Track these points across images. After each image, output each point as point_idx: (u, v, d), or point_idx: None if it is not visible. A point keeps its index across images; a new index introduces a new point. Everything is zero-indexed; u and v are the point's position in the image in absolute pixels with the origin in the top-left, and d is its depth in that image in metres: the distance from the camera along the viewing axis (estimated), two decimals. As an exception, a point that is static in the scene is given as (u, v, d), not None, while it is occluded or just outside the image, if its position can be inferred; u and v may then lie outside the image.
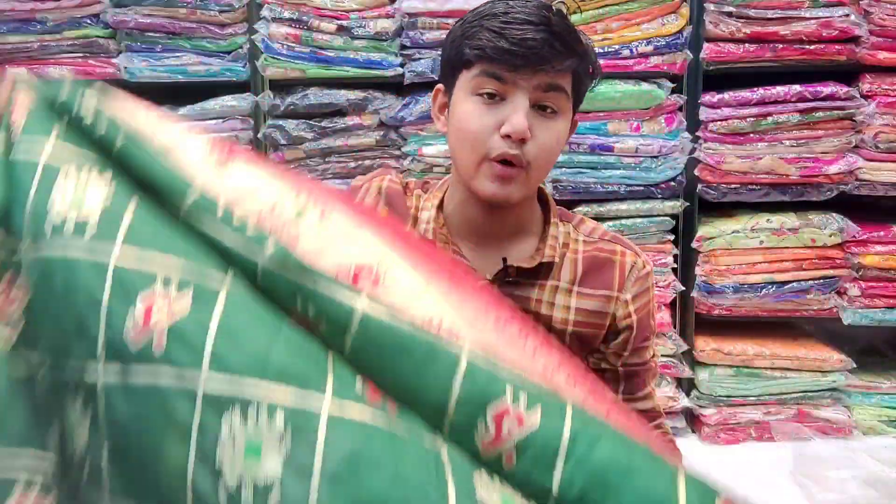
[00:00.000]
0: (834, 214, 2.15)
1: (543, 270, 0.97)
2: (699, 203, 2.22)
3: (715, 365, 2.21)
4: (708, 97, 2.13)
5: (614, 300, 0.98)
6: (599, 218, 2.14)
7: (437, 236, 0.98)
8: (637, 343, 1.01)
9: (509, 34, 0.85)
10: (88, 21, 2.23)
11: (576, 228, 1.02)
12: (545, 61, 0.86)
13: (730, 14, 2.09)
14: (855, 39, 2.09)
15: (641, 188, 2.16)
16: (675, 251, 2.21)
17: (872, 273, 2.15)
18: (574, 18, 2.51)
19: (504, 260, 0.96)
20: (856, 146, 2.13)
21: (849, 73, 2.15)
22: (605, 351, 1.01)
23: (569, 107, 0.92)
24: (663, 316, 2.22)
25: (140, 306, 0.56)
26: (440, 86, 0.98)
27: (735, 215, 2.22)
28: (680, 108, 2.17)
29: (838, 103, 2.09)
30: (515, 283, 0.97)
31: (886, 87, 2.10)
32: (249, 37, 2.21)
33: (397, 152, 2.23)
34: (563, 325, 0.97)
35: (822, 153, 2.13)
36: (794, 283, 2.17)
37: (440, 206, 1.01)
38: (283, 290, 0.60)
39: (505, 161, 0.88)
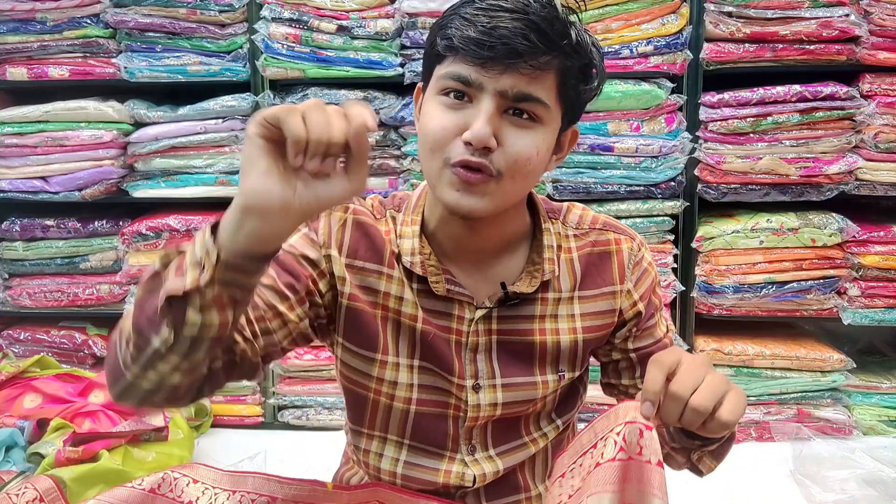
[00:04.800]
0: (834, 214, 2.15)
1: (542, 285, 0.92)
2: (699, 203, 2.22)
3: (715, 365, 2.21)
4: (708, 97, 2.13)
5: (619, 294, 0.95)
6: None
7: (426, 269, 0.90)
8: (644, 325, 0.96)
9: (479, 22, 0.77)
10: (88, 21, 2.23)
11: (564, 223, 0.96)
12: (516, 55, 0.76)
13: (730, 14, 2.09)
14: (855, 39, 2.09)
15: (641, 188, 2.16)
16: (675, 251, 2.21)
17: (872, 273, 2.15)
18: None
19: (503, 285, 0.90)
20: (856, 146, 2.13)
21: (849, 73, 2.15)
22: (614, 342, 0.98)
23: (555, 115, 0.82)
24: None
25: None
26: (420, 84, 0.90)
27: (735, 215, 2.22)
28: (680, 108, 2.17)
29: (838, 103, 2.09)
30: (516, 304, 0.92)
31: (886, 87, 2.10)
32: (249, 37, 2.21)
33: (397, 152, 2.23)
34: (572, 333, 0.94)
35: (822, 153, 2.13)
36: (794, 283, 2.17)
37: (422, 228, 0.92)
38: None
39: (470, 166, 0.79)
